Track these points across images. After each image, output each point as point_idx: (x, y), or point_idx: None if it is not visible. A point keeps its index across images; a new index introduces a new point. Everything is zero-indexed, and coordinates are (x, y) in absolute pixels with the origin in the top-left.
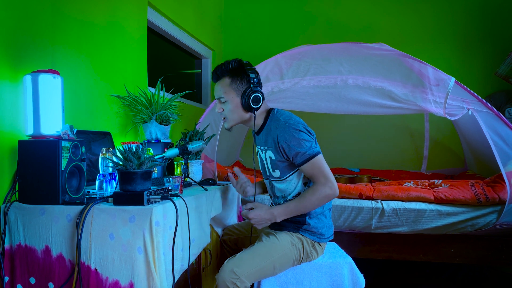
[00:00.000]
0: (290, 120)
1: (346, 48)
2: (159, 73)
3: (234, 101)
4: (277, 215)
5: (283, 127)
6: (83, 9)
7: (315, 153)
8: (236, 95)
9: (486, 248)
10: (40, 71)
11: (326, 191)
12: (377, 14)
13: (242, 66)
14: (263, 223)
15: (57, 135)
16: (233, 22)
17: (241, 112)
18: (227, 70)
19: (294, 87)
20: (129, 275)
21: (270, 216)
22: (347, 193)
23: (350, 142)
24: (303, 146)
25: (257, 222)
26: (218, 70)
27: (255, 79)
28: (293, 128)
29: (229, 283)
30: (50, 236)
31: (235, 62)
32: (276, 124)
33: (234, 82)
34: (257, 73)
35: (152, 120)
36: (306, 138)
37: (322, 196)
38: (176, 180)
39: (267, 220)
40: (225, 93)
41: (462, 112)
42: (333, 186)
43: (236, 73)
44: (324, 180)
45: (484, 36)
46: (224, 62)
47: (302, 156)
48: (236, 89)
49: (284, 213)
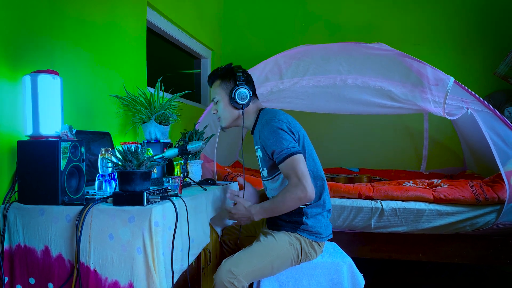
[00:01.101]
0: (273, 118)
1: (345, 48)
2: (158, 73)
3: (224, 100)
4: (254, 214)
5: (265, 125)
6: (82, 9)
7: (291, 153)
8: (225, 93)
9: (486, 247)
10: (39, 71)
11: (297, 193)
12: (376, 14)
13: (231, 68)
14: (243, 220)
15: (56, 136)
16: (232, 22)
17: (231, 109)
18: (218, 74)
19: (294, 87)
20: (129, 275)
21: (248, 213)
22: (347, 193)
23: (350, 142)
24: (280, 145)
25: (238, 217)
26: (211, 75)
27: (241, 77)
28: (274, 126)
29: (227, 283)
30: (50, 236)
31: (225, 66)
32: (261, 122)
33: (223, 83)
34: (246, 73)
35: (152, 120)
36: (285, 137)
37: (293, 198)
38: (175, 180)
39: (246, 217)
40: (217, 93)
41: (461, 111)
42: (304, 189)
43: (225, 75)
44: (297, 181)
45: (483, 36)
46: (217, 68)
47: (279, 155)
48: (225, 88)
49: (260, 212)
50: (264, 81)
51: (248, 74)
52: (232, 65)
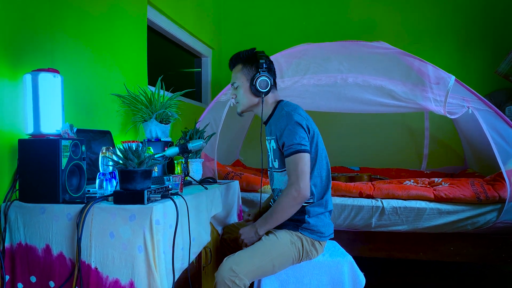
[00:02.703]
0: (294, 111)
1: (346, 46)
2: (159, 72)
3: (244, 85)
4: (258, 228)
5: (285, 116)
6: (82, 7)
7: (299, 150)
8: (246, 80)
9: (486, 246)
10: (40, 70)
11: (292, 192)
12: (376, 12)
13: (255, 53)
14: (251, 239)
15: (57, 134)
16: (232, 21)
17: (251, 96)
18: (240, 58)
19: (294, 86)
20: (129, 274)
21: (254, 229)
22: (347, 192)
23: (350, 141)
24: (292, 138)
25: (246, 238)
26: (233, 58)
27: (264, 65)
28: (294, 119)
29: (228, 281)
30: (51, 235)
31: (249, 50)
32: (280, 113)
33: (245, 68)
34: (270, 61)
35: (152, 119)
36: (300, 133)
37: (288, 199)
38: (176, 179)
39: (253, 233)
40: (237, 78)
41: (462, 110)
42: (298, 188)
43: (248, 60)
44: (295, 179)
45: (484, 34)
46: (240, 51)
47: (288, 148)
48: (247, 74)
49: (263, 223)
50: None
51: (270, 61)
52: (255, 49)
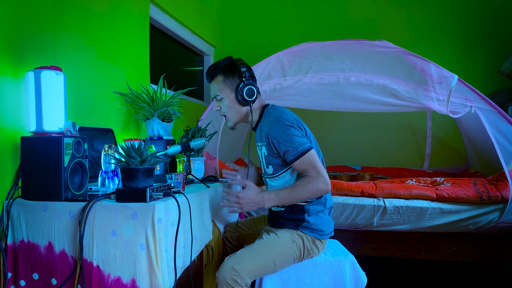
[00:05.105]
0: (281, 115)
1: (348, 45)
2: (161, 70)
3: (229, 97)
4: (267, 200)
5: (274, 123)
6: (85, 5)
7: (306, 149)
8: (230, 90)
9: (488, 246)
10: (43, 67)
11: (319, 185)
12: (379, 11)
13: (233, 62)
14: (251, 206)
15: (59, 132)
16: (234, 19)
17: (238, 107)
18: (219, 68)
19: (296, 85)
20: (131, 272)
21: (260, 199)
22: (349, 191)
23: (352, 140)
24: (294, 142)
25: (246, 203)
26: (210, 70)
27: (246, 73)
28: (283, 124)
29: (229, 280)
30: (53, 232)
31: (226, 59)
32: (268, 120)
33: (227, 78)
34: (249, 67)
35: (154, 117)
36: (297, 134)
37: (314, 189)
38: (178, 177)
39: (256, 203)
40: (220, 90)
41: (464, 110)
42: (326, 181)
43: (228, 70)
44: (316, 174)
45: (487, 34)
46: (216, 62)
47: (294, 153)
48: (230, 85)
49: (274, 199)
50: (267, 79)
51: (250, 68)
52: (232, 58)
